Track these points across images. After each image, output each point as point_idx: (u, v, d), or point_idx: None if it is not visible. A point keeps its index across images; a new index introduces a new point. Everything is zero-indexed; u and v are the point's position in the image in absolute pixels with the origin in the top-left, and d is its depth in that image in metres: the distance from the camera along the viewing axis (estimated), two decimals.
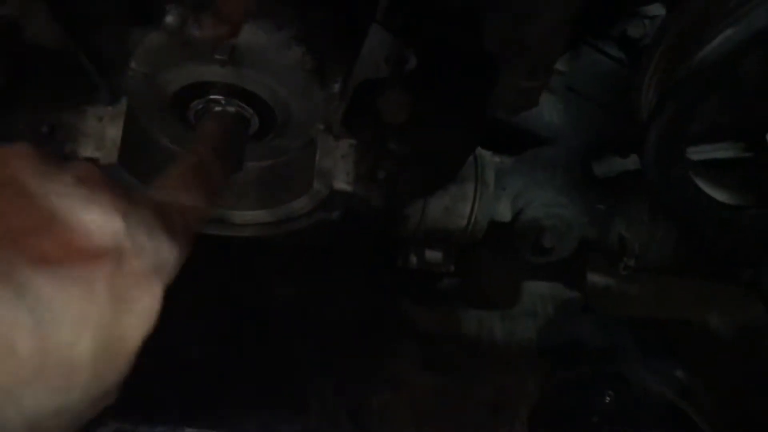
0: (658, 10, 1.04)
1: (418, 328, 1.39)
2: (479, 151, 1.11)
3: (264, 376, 1.21)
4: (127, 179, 0.88)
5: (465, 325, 1.41)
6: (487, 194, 1.15)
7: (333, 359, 1.26)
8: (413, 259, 1.31)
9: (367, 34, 0.74)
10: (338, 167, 0.90)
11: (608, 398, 1.31)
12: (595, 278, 1.43)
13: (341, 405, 1.23)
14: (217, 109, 0.83)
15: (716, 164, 0.74)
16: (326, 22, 0.76)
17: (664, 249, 1.26)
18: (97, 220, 0.40)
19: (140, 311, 0.41)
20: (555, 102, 1.23)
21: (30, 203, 0.39)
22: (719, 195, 0.73)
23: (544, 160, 1.25)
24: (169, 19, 0.73)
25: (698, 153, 0.77)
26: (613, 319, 1.44)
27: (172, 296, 0.45)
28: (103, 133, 0.86)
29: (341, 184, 0.90)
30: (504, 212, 1.24)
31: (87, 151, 0.85)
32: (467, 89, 0.74)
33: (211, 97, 0.83)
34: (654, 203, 1.19)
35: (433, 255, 1.30)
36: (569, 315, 1.47)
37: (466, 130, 0.85)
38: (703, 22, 0.56)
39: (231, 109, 0.83)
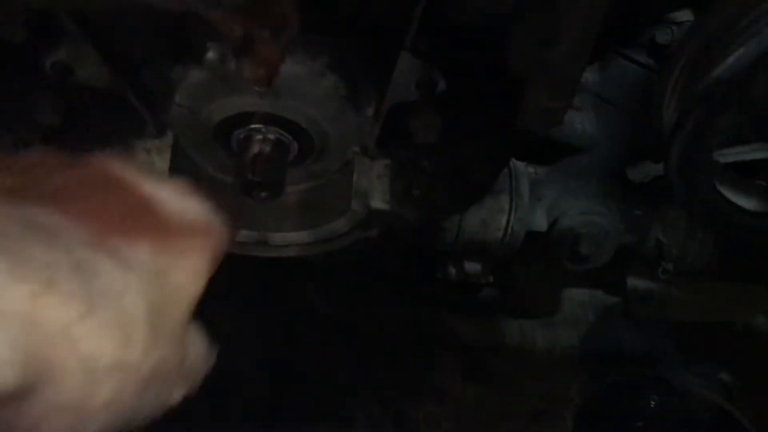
0: (686, 15, 1.05)
1: (460, 339, 1.42)
2: (513, 162, 1.13)
3: (310, 391, 1.25)
4: None
5: (506, 335, 1.43)
6: (523, 205, 1.17)
7: (377, 372, 1.29)
8: (452, 271, 1.33)
9: (397, 61, 0.77)
10: (375, 187, 0.93)
11: (653, 402, 1.32)
12: (635, 283, 1.44)
13: (386, 417, 1.26)
14: (258, 137, 0.87)
15: (744, 167, 0.75)
16: (357, 51, 0.79)
17: (703, 252, 1.26)
18: (191, 204, 0.47)
19: (191, 270, 0.45)
20: (586, 111, 1.24)
21: (132, 195, 0.45)
22: (745, 202, 0.74)
23: (578, 168, 1.26)
24: (210, 56, 0.78)
25: (725, 156, 0.77)
26: (655, 324, 1.44)
27: (221, 318, 0.48)
28: (151, 165, 0.90)
29: (378, 203, 0.93)
30: (540, 222, 1.25)
31: None
32: (496, 109, 0.77)
33: (252, 126, 0.87)
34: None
35: (472, 266, 1.31)
36: (610, 321, 1.48)
37: (497, 148, 0.87)
38: (718, 38, 0.58)
39: (271, 136, 0.87)
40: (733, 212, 0.72)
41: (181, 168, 0.93)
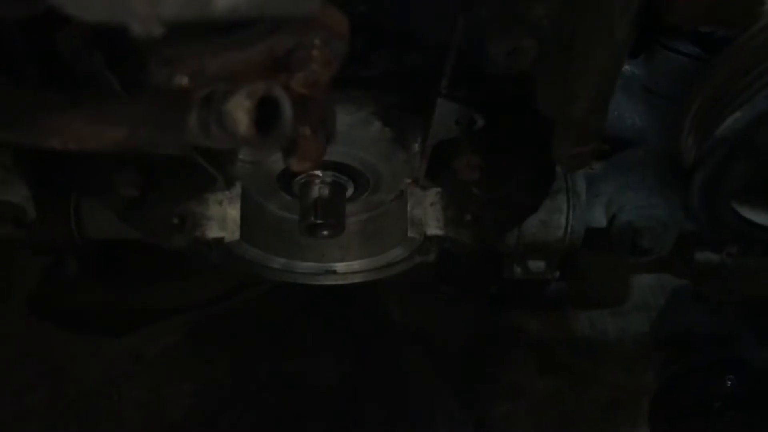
0: None
1: (531, 335, 1.46)
2: None
3: (389, 398, 1.32)
4: (250, 251, 1.02)
5: (577, 327, 1.46)
6: (580, 203, 1.20)
7: (453, 374, 1.35)
8: (518, 270, 1.37)
9: (435, 105, 0.82)
10: (428, 214, 1.00)
11: (729, 383, 1.33)
12: (703, 264, 1.44)
13: (466, 418, 1.32)
14: (317, 181, 0.95)
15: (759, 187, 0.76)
16: (397, 100, 0.85)
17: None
18: None
19: None
20: (635, 104, 1.25)
21: None
22: (764, 219, 0.75)
23: (633, 162, 1.27)
24: None
25: None
26: (726, 304, 1.44)
27: (300, 334, 0.55)
28: (224, 215, 0.99)
29: (433, 229, 0.99)
30: (599, 218, 1.27)
31: (213, 232, 0.99)
32: (534, 142, 0.81)
33: (311, 172, 0.94)
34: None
35: (536, 264, 1.34)
36: (681, 304, 1.48)
37: (539, 174, 0.92)
38: (724, 91, 0.60)
39: (328, 179, 0.95)
40: (753, 230, 0.74)
41: (250, 214, 1.01)
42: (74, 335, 1.38)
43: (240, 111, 0.43)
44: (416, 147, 0.93)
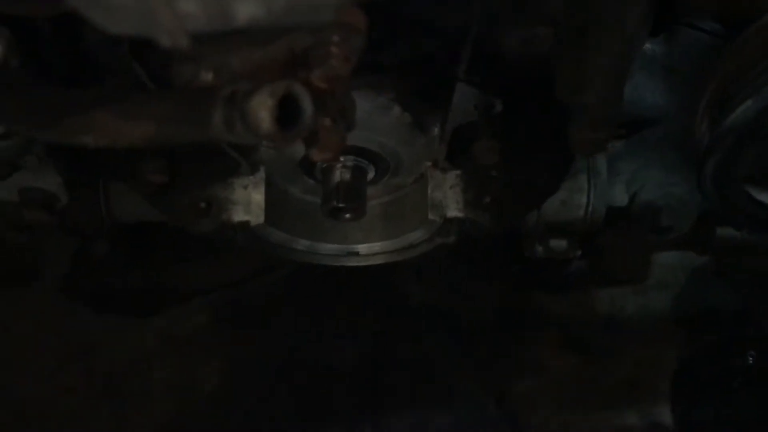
0: None
1: (552, 313, 1.47)
2: None
3: (410, 376, 1.35)
4: (275, 234, 1.05)
5: (598, 305, 1.47)
6: (601, 183, 1.20)
7: (473, 352, 1.37)
8: (539, 248, 1.38)
9: (454, 90, 0.84)
10: (448, 197, 1.01)
11: (751, 359, 1.33)
12: (724, 242, 1.43)
13: (487, 394, 1.34)
14: (339, 165, 0.97)
15: None
16: (416, 85, 0.87)
17: None
18: None
19: None
20: (655, 83, 1.25)
21: None
22: None
23: (654, 140, 1.27)
24: None
25: None
26: (749, 280, 1.44)
27: (320, 313, 0.57)
28: (249, 199, 1.02)
29: (453, 212, 1.01)
30: (620, 197, 1.27)
31: (238, 216, 1.02)
32: (553, 126, 0.82)
33: None
34: None
35: (558, 243, 1.34)
36: (702, 281, 1.49)
37: (558, 157, 0.93)
38: (734, 80, 0.61)
39: (350, 164, 0.97)
40: (764, 213, 0.75)
41: (274, 198, 1.03)
42: (104, 315, 1.42)
43: (262, 109, 0.45)
44: (435, 131, 0.94)
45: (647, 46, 1.14)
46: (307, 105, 0.47)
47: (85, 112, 0.48)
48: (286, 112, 0.47)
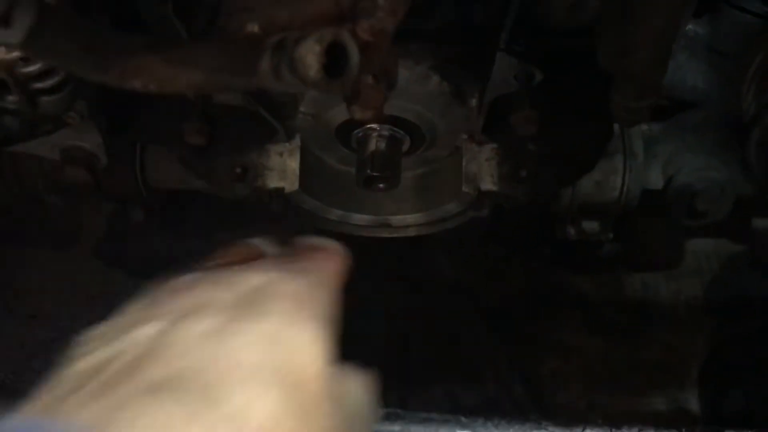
0: None
1: (583, 295, 1.46)
2: None
3: (439, 353, 1.35)
4: (308, 201, 1.05)
5: (629, 289, 1.46)
6: (637, 165, 1.19)
7: (503, 332, 1.37)
8: (571, 230, 1.36)
9: (494, 60, 0.83)
10: (483, 170, 1.01)
11: None
12: (760, 231, 1.41)
13: (514, 373, 1.34)
14: (374, 135, 0.97)
15: None
16: (456, 54, 0.86)
17: None
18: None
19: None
20: (697, 65, 1.23)
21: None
22: None
23: (693, 123, 1.26)
24: None
25: None
26: None
27: (351, 287, 0.57)
28: (284, 166, 1.02)
29: (487, 185, 1.00)
30: (656, 180, 1.26)
31: (273, 182, 1.03)
32: (593, 96, 0.81)
33: (368, 126, 0.96)
34: None
35: (590, 225, 1.33)
36: (736, 270, 1.47)
37: (596, 131, 0.92)
38: None
39: (385, 133, 0.97)
40: None
41: (309, 166, 1.04)
42: (140, 280, 1.44)
43: (310, 55, 0.45)
44: (473, 102, 0.94)
45: (689, 26, 1.12)
46: (354, 53, 0.48)
47: (135, 56, 0.49)
48: (333, 61, 0.47)
